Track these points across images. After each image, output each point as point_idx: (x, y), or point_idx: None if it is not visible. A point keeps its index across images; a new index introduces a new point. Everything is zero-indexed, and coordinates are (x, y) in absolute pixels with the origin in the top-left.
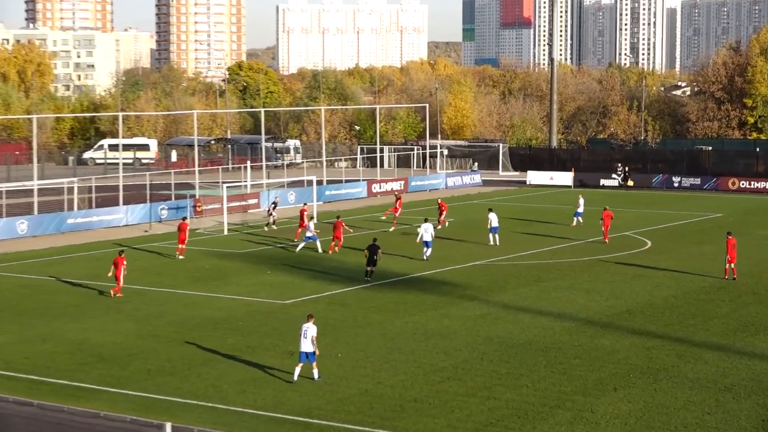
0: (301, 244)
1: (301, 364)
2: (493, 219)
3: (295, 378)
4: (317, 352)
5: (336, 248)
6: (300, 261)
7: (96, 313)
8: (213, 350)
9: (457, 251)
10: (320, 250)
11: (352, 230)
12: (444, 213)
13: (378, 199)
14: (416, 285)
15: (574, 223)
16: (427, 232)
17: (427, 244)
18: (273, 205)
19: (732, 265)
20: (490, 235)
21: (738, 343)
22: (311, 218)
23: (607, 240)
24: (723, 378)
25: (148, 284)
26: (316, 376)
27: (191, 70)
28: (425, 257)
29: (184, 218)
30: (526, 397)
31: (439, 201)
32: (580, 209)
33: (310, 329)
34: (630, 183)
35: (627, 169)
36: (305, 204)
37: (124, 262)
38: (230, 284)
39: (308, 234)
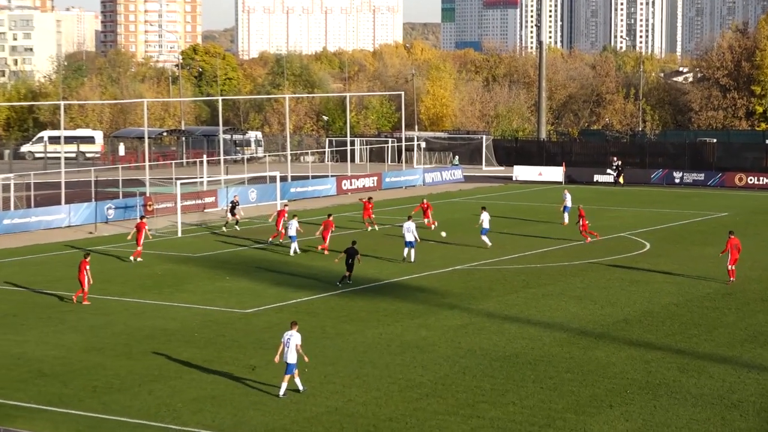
0: (294, 245)
1: (287, 377)
2: (485, 219)
3: (301, 388)
4: (306, 360)
5: (325, 251)
6: (262, 265)
7: (35, 324)
8: (165, 364)
9: (437, 255)
10: (293, 252)
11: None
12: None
13: (349, 197)
14: (391, 292)
15: (567, 221)
16: (409, 231)
17: (409, 244)
18: (231, 204)
19: (732, 266)
20: (484, 237)
21: (746, 355)
22: (294, 216)
23: (596, 236)
24: (729, 394)
25: (93, 292)
26: (282, 391)
27: (141, 55)
28: (404, 257)
29: (143, 217)
30: (512, 416)
31: (424, 201)
32: (569, 204)
33: (293, 337)
34: (621, 180)
35: (620, 163)
36: (286, 205)
37: (87, 266)
38: (185, 291)
39: (290, 233)
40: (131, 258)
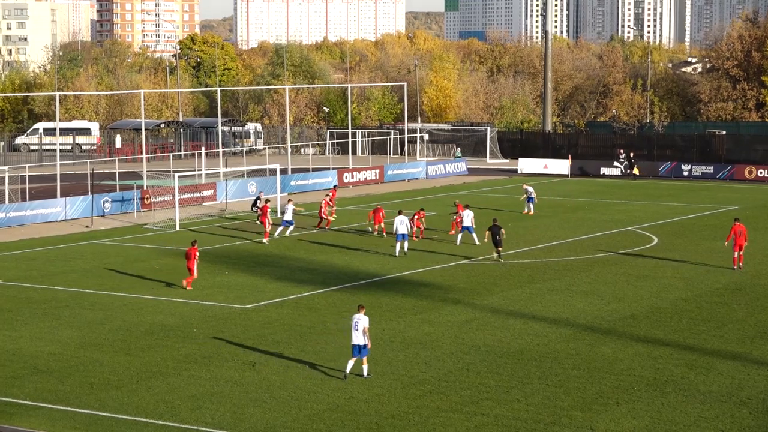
0: (278, 229)
1: (354, 359)
2: (466, 217)
3: (348, 371)
4: (369, 345)
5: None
6: (262, 260)
7: (30, 320)
8: (164, 361)
9: (440, 249)
10: (277, 235)
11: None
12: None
13: (350, 190)
14: (393, 287)
15: (526, 210)
16: (402, 224)
17: (402, 237)
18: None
19: (739, 252)
20: (460, 235)
21: (755, 351)
22: (289, 200)
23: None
24: (738, 391)
25: (89, 287)
26: (365, 372)
27: (137, 44)
28: (397, 253)
29: (267, 201)
30: (517, 413)
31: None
32: (533, 195)
33: (361, 320)
34: (636, 172)
35: (633, 155)
36: (330, 192)
37: (197, 253)
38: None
39: (286, 218)
40: (264, 240)
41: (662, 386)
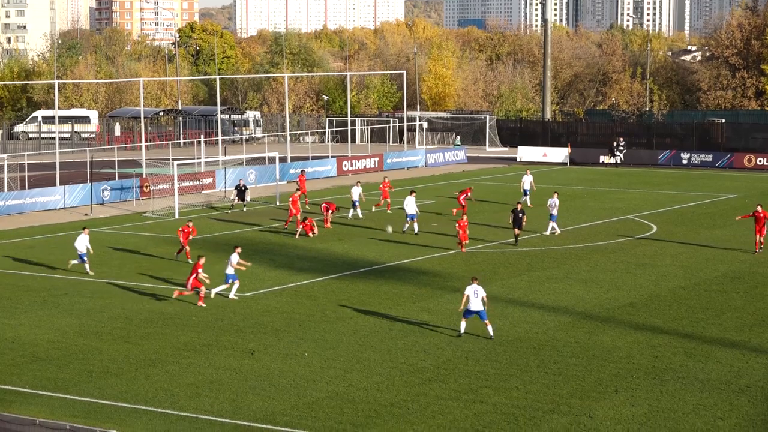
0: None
1: (465, 320)
2: (409, 204)
3: (462, 331)
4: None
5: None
6: (261, 248)
7: (30, 308)
8: (163, 349)
9: (438, 237)
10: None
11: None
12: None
13: (349, 179)
14: (392, 275)
15: (526, 202)
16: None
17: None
18: (238, 189)
19: (761, 238)
20: (407, 223)
21: (754, 339)
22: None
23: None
24: (737, 379)
25: (89, 275)
26: (491, 332)
27: (136, 33)
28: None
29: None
30: (516, 401)
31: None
32: (527, 186)
33: (479, 290)
34: (606, 159)
35: (617, 143)
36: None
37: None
38: (182, 274)
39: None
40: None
41: (661, 374)
